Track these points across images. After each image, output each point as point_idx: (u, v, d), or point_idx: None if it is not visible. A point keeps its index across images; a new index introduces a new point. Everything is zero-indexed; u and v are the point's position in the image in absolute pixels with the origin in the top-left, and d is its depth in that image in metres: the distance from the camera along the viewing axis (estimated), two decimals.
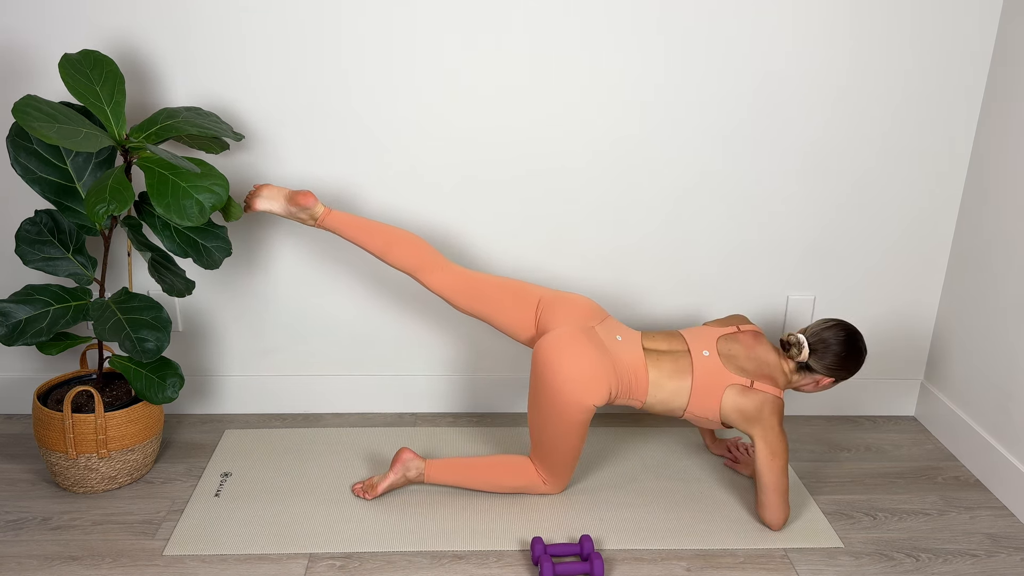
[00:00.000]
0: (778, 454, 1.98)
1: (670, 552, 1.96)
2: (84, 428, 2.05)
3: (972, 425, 2.35)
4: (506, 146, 2.30)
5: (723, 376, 2.00)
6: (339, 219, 2.08)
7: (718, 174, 2.36)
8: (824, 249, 2.46)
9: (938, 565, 1.95)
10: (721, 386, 2.00)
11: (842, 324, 2.05)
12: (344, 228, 2.08)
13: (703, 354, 2.03)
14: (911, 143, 2.36)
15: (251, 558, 1.90)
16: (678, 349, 2.06)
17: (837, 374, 2.04)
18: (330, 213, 2.08)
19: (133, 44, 2.16)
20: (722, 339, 2.07)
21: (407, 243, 2.10)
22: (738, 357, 2.03)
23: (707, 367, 2.01)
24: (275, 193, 2.09)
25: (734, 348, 2.05)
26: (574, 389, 1.96)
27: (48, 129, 1.79)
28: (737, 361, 2.03)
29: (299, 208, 2.06)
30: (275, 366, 2.49)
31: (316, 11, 2.15)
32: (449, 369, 2.53)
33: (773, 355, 2.06)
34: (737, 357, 2.03)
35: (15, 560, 1.88)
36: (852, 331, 2.04)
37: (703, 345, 2.05)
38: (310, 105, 2.23)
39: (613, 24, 2.20)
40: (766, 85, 2.28)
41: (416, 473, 2.10)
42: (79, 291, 2.06)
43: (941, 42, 2.27)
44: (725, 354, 2.03)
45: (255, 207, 2.08)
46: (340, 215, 2.09)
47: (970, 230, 2.39)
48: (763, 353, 2.05)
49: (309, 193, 2.05)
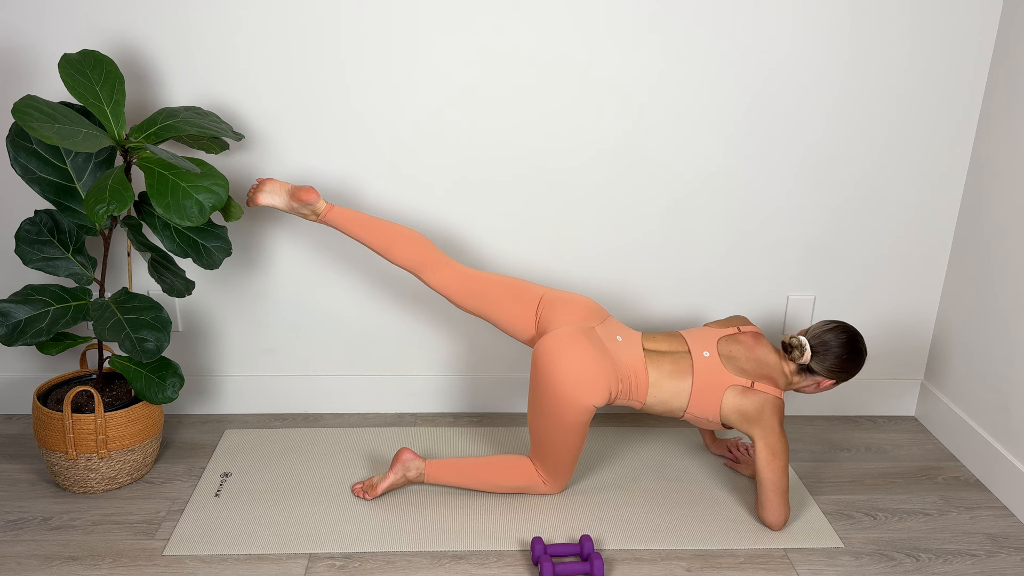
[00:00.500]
0: (778, 454, 1.98)
1: (670, 552, 1.96)
2: (84, 428, 2.05)
3: (972, 425, 2.35)
4: (506, 145, 2.30)
5: (723, 377, 2.00)
6: (341, 215, 2.08)
7: (718, 174, 2.36)
8: (824, 249, 2.46)
9: (938, 565, 1.95)
10: (721, 387, 2.00)
11: (843, 326, 2.05)
12: (346, 224, 2.08)
13: (703, 355, 2.03)
14: (911, 143, 2.36)
15: (251, 558, 1.90)
16: (678, 350, 2.06)
17: (838, 376, 2.04)
18: (332, 209, 2.08)
19: (133, 44, 2.16)
20: (723, 340, 2.07)
21: (410, 240, 2.09)
22: (738, 358, 2.03)
23: (707, 368, 2.01)
24: (277, 188, 2.08)
25: (735, 349, 2.05)
26: (574, 390, 1.96)
27: (48, 129, 1.79)
28: (737, 362, 2.03)
29: (301, 204, 2.05)
30: (275, 366, 2.49)
31: (316, 11, 2.15)
32: (449, 369, 2.53)
33: (774, 356, 2.06)
34: (738, 358, 2.03)
35: (15, 560, 1.88)
36: (853, 333, 2.04)
37: (704, 346, 2.05)
38: (310, 104, 2.23)
39: (613, 24, 2.20)
40: (766, 85, 2.28)
41: (416, 473, 2.10)
42: (79, 291, 2.06)
43: (941, 42, 2.27)
44: (726, 355, 2.03)
45: (257, 201, 2.08)
46: (342, 211, 2.08)
47: (970, 230, 2.39)
48: (763, 354, 2.05)
49: (311, 189, 2.04)
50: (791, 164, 2.36)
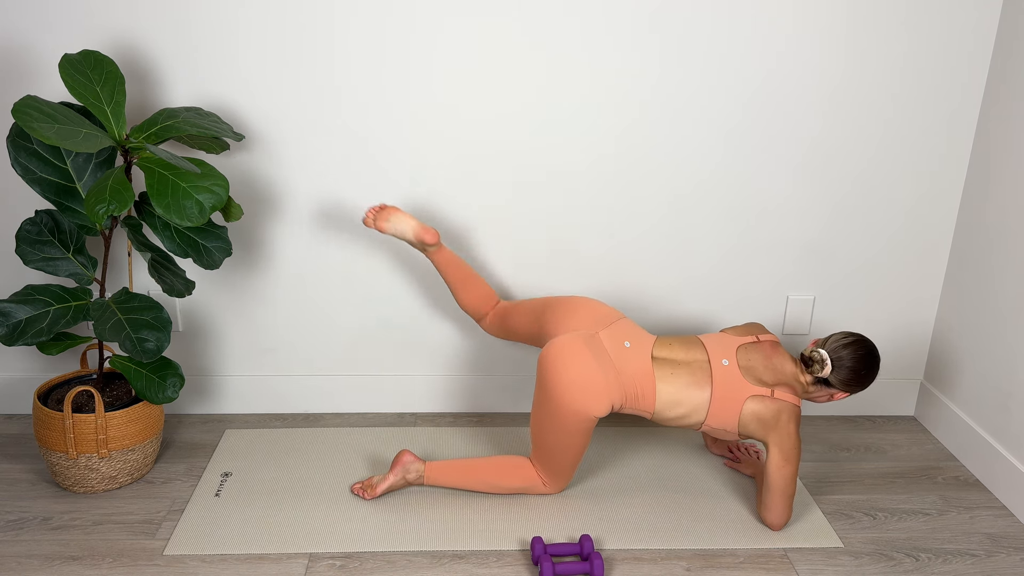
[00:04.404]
0: (791, 460, 1.97)
1: (670, 552, 1.96)
2: (84, 428, 2.05)
3: (972, 425, 2.35)
4: (506, 144, 2.30)
5: (743, 387, 1.98)
6: (445, 256, 2.20)
7: (717, 174, 2.36)
8: (824, 249, 2.46)
9: (938, 565, 1.95)
10: (741, 398, 1.98)
11: (861, 341, 2.00)
12: (444, 265, 2.20)
13: (723, 363, 2.01)
14: (911, 142, 2.36)
15: (251, 558, 1.90)
16: (696, 359, 2.03)
17: (852, 388, 2.02)
18: (441, 249, 2.20)
19: (133, 44, 2.16)
20: (742, 349, 2.04)
21: (483, 290, 2.25)
22: (757, 368, 2.01)
23: (727, 378, 1.99)
24: (404, 222, 2.15)
25: (754, 359, 2.02)
26: (574, 399, 1.95)
27: (48, 130, 1.79)
28: (756, 372, 2.01)
29: (420, 243, 2.16)
30: (275, 366, 2.49)
31: (316, 11, 2.15)
32: (449, 369, 2.54)
33: (791, 366, 2.04)
34: (756, 368, 2.01)
35: (15, 560, 1.88)
36: (871, 348, 2.00)
37: (723, 354, 2.02)
38: (310, 105, 2.23)
39: (612, 24, 2.20)
40: (765, 85, 2.28)
41: (416, 475, 2.10)
42: (79, 291, 2.06)
43: (940, 41, 2.27)
44: (744, 365, 2.01)
45: (383, 230, 2.16)
46: (447, 253, 2.20)
47: (970, 229, 2.39)
48: (781, 363, 2.03)
49: (435, 232, 2.14)
50: (791, 163, 2.36)
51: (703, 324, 2.52)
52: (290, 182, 2.31)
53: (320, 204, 2.33)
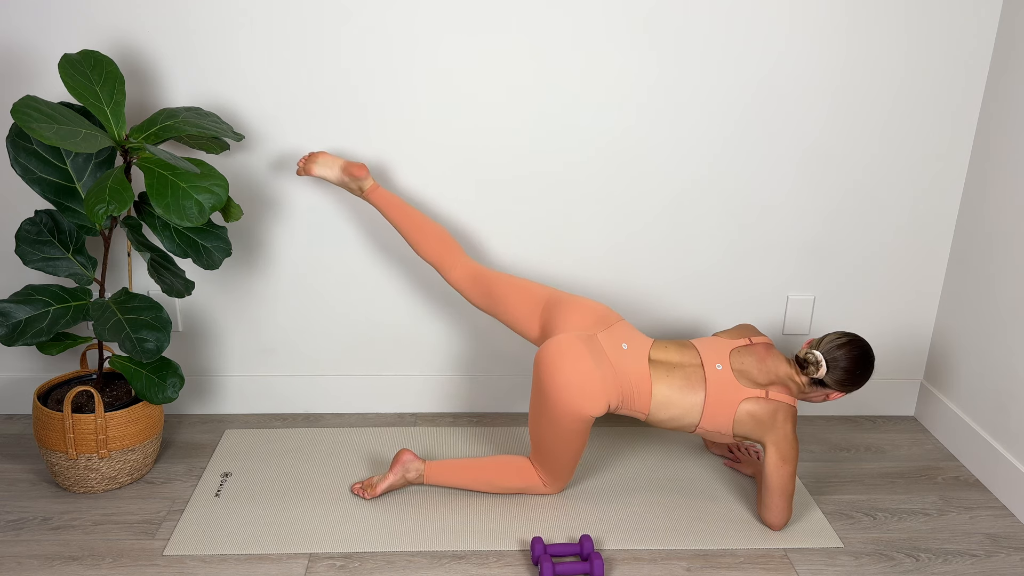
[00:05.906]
0: (789, 460, 1.97)
1: (670, 552, 1.96)
2: (84, 428, 2.05)
3: (972, 425, 2.35)
4: (506, 145, 2.30)
5: (737, 391, 1.98)
6: (383, 195, 2.18)
7: (717, 173, 2.36)
8: (823, 249, 2.46)
9: (938, 565, 1.95)
10: (735, 401, 1.98)
11: (855, 340, 2.00)
12: (385, 204, 2.18)
13: (716, 367, 2.01)
14: (911, 142, 2.36)
15: (251, 558, 1.90)
16: (690, 362, 2.03)
17: (847, 388, 2.02)
18: (377, 188, 2.18)
19: (133, 44, 2.16)
20: (735, 352, 2.04)
21: (440, 237, 2.19)
22: (751, 371, 2.01)
23: (720, 381, 1.99)
24: (330, 161, 2.18)
25: (747, 361, 2.02)
26: (571, 399, 1.95)
27: (47, 130, 1.79)
28: (750, 375, 2.01)
29: (352, 178, 2.17)
30: (275, 366, 2.49)
31: (316, 11, 2.15)
32: (449, 369, 2.54)
33: (785, 367, 2.04)
34: (750, 371, 2.01)
35: (15, 560, 1.88)
36: (865, 348, 2.00)
37: (716, 358, 2.02)
38: (310, 105, 2.24)
39: (611, 24, 2.20)
40: (765, 84, 2.28)
41: (415, 475, 2.10)
42: (79, 291, 2.06)
43: (940, 42, 2.27)
44: (738, 368, 2.01)
45: (312, 172, 2.18)
46: (385, 192, 2.19)
47: (970, 229, 2.39)
48: (775, 365, 2.03)
49: (363, 166, 2.17)
50: (790, 163, 2.36)
51: (703, 324, 2.52)
52: (290, 182, 2.31)
53: (320, 204, 2.33)
